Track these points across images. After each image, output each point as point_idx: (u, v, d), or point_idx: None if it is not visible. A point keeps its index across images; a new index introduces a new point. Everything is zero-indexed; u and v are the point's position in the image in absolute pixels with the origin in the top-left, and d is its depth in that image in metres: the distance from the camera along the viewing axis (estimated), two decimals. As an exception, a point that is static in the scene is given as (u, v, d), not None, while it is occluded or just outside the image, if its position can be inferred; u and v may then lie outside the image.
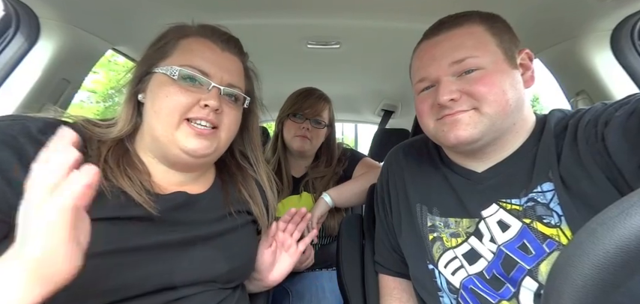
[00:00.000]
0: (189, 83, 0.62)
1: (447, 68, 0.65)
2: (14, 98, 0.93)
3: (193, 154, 0.63)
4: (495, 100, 0.62)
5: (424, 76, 0.70)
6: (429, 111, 0.69)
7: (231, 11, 1.07)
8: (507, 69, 0.64)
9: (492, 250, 0.65)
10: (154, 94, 0.62)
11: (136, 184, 0.59)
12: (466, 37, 0.65)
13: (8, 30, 0.93)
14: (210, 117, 0.63)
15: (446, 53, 0.66)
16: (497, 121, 0.63)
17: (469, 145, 0.66)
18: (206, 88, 0.63)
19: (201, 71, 0.63)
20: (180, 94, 0.61)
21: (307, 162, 1.40)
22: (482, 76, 0.63)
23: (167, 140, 0.61)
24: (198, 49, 0.64)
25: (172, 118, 0.60)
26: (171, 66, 0.61)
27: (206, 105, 0.61)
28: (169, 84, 0.61)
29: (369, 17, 1.10)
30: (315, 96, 1.33)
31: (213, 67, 0.64)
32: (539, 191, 0.62)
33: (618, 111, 0.54)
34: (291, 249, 0.80)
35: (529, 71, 0.68)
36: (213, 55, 0.65)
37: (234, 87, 0.67)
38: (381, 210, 0.90)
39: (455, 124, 0.65)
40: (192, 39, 0.65)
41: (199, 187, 0.71)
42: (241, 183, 0.78)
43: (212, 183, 0.74)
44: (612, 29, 0.96)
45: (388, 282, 0.88)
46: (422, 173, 0.81)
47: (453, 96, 0.64)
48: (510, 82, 0.63)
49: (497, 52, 0.64)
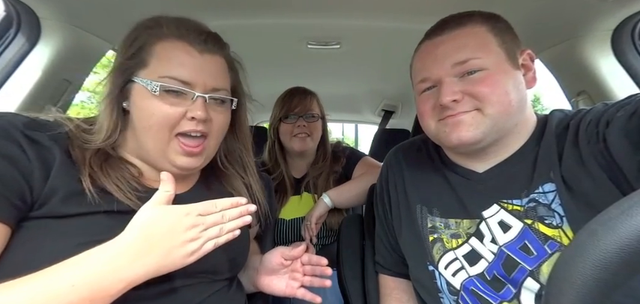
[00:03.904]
0: (173, 95, 0.61)
1: (450, 69, 0.65)
2: (15, 99, 0.93)
3: (184, 170, 0.64)
4: (498, 101, 0.62)
5: (426, 76, 0.69)
6: (431, 112, 0.69)
7: (231, 11, 1.07)
8: (510, 69, 0.64)
9: (493, 251, 0.65)
10: (139, 109, 0.61)
11: (123, 185, 0.59)
12: (469, 37, 0.65)
13: (9, 31, 0.93)
14: (200, 127, 0.62)
15: (448, 54, 0.65)
16: (499, 122, 0.63)
17: (471, 146, 0.66)
18: (190, 99, 0.61)
19: (182, 81, 0.60)
20: (166, 109, 0.59)
21: (308, 161, 1.40)
22: (486, 76, 0.63)
23: (159, 154, 0.62)
24: (176, 55, 0.61)
25: (162, 134, 0.60)
26: (151, 80, 0.59)
27: (193, 117, 0.61)
28: (152, 99, 0.59)
29: (370, 17, 1.10)
30: (300, 92, 1.33)
31: (193, 73, 0.61)
32: (541, 191, 0.62)
33: (619, 111, 0.54)
34: (293, 283, 0.77)
35: (531, 72, 0.67)
36: (192, 61, 0.62)
37: (219, 90, 0.65)
38: (381, 210, 0.90)
39: (457, 125, 0.64)
40: (168, 43, 0.62)
41: (184, 185, 0.71)
42: (225, 179, 0.77)
43: (197, 180, 0.74)
44: (613, 29, 0.96)
45: (388, 282, 0.88)
46: (422, 173, 0.81)
47: (455, 97, 0.63)
48: (513, 83, 0.63)
49: (499, 53, 0.64)
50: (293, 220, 1.29)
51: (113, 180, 0.59)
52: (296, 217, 1.29)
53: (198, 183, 0.74)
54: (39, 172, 0.53)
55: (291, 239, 1.27)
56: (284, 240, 1.28)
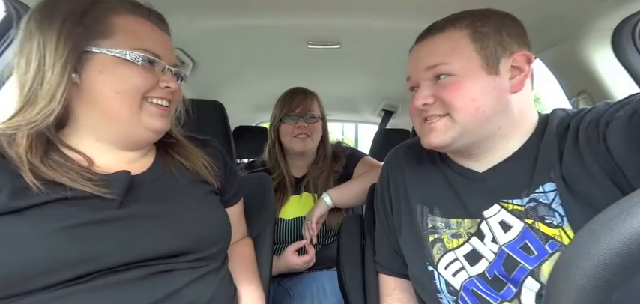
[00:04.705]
0: (147, 66, 0.64)
1: (423, 72, 0.68)
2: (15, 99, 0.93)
3: (158, 132, 0.67)
4: (463, 108, 0.63)
5: (409, 76, 0.74)
6: (415, 112, 0.72)
7: (231, 11, 1.07)
8: (482, 75, 0.63)
9: (494, 250, 0.65)
10: (105, 78, 0.60)
11: (75, 177, 0.58)
12: (442, 42, 0.67)
13: (9, 31, 0.93)
14: (170, 96, 0.68)
15: (423, 58, 0.69)
16: (469, 128, 0.64)
17: (443, 149, 0.70)
18: (159, 70, 0.66)
19: (155, 54, 0.64)
20: (141, 76, 0.62)
21: (308, 161, 1.40)
22: (451, 82, 0.64)
23: (133, 121, 0.63)
24: (143, 30, 0.65)
25: (136, 100, 0.62)
26: (124, 49, 0.60)
27: (167, 86, 0.66)
28: (129, 66, 0.61)
29: (370, 17, 1.10)
30: (300, 93, 1.33)
31: (161, 48, 0.66)
32: (541, 191, 0.62)
33: (619, 111, 0.54)
34: None
35: (521, 74, 0.65)
36: (158, 36, 0.67)
37: (177, 66, 0.71)
38: (382, 210, 0.90)
39: (430, 131, 0.68)
40: (131, 19, 0.64)
41: (142, 166, 0.71)
42: (183, 155, 0.77)
43: (154, 160, 0.74)
44: (613, 29, 0.96)
45: (388, 282, 0.88)
46: (422, 173, 0.81)
47: (426, 101, 0.67)
48: (483, 89, 0.63)
49: (473, 59, 0.64)
50: (293, 220, 1.29)
51: (62, 173, 0.57)
52: (296, 217, 1.29)
53: (155, 161, 0.74)
54: None
55: (291, 238, 1.27)
56: (284, 240, 1.28)
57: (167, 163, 0.75)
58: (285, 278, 1.26)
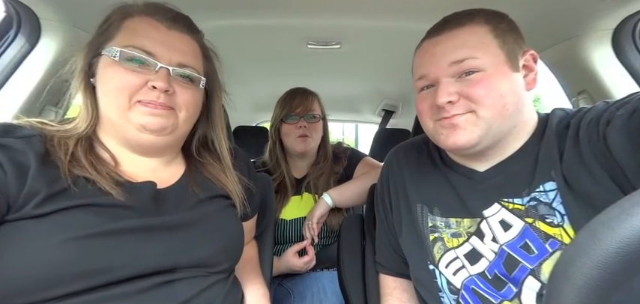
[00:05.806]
0: (135, 64, 0.60)
1: (447, 68, 0.64)
2: (15, 100, 0.93)
3: (149, 129, 0.62)
4: (492, 104, 0.61)
5: (424, 73, 0.69)
6: (429, 111, 0.69)
7: (231, 12, 1.07)
8: (508, 72, 0.63)
9: (494, 250, 0.65)
10: (100, 78, 0.62)
11: (103, 175, 0.59)
12: (468, 36, 0.64)
13: (9, 31, 0.93)
14: (161, 99, 0.61)
15: (446, 52, 0.65)
16: (494, 125, 0.63)
17: (468, 150, 0.66)
18: (153, 69, 0.61)
19: (145, 51, 0.61)
20: (125, 75, 0.60)
21: (309, 161, 1.40)
22: (482, 78, 0.62)
23: (122, 121, 0.61)
24: (142, 28, 0.63)
25: (122, 100, 0.60)
26: (113, 47, 0.61)
27: (154, 87, 0.60)
28: (113, 65, 0.60)
29: (370, 17, 1.10)
30: (301, 93, 1.33)
31: (159, 46, 0.62)
32: (542, 190, 0.62)
33: (620, 110, 0.54)
34: None
35: (532, 73, 0.66)
36: (158, 34, 0.63)
37: (186, 67, 0.65)
38: (382, 210, 0.90)
39: (453, 129, 0.64)
40: (137, 18, 0.64)
41: (169, 178, 0.70)
42: (210, 169, 0.77)
43: (182, 173, 0.73)
44: (613, 28, 0.96)
45: (389, 282, 0.88)
46: (422, 173, 0.81)
47: (451, 98, 0.63)
48: (510, 86, 0.62)
49: (498, 54, 0.63)
50: (294, 220, 1.29)
51: (92, 169, 0.59)
52: (297, 217, 1.29)
53: (183, 176, 0.73)
54: (13, 177, 0.52)
55: (292, 239, 1.27)
56: (285, 240, 1.28)
57: (195, 179, 0.73)
58: (285, 278, 1.26)
